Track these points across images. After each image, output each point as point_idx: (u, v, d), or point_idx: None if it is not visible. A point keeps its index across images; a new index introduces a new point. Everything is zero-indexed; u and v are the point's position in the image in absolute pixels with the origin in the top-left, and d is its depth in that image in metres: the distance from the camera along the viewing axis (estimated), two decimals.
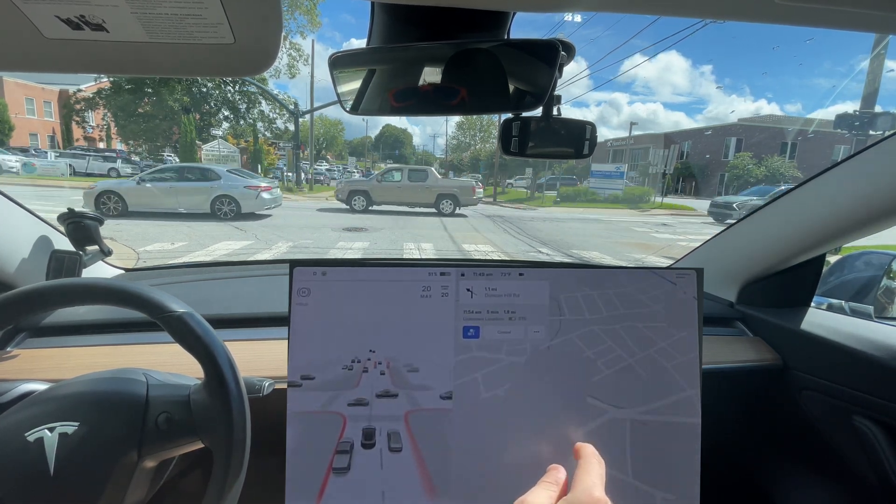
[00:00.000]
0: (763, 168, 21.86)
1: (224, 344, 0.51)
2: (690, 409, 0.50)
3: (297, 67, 20.52)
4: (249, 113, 22.82)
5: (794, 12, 0.39)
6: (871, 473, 0.78)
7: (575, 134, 0.64)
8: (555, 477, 0.42)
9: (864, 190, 0.73)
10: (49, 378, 0.63)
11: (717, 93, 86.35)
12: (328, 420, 0.49)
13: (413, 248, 6.60)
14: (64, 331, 0.82)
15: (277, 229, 7.69)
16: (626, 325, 0.51)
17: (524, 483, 0.48)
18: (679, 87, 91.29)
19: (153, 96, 20.31)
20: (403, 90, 0.61)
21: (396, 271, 0.51)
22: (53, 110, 25.57)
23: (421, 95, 0.59)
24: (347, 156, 50.98)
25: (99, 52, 0.41)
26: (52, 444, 0.47)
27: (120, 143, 23.74)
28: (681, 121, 78.52)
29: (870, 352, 0.76)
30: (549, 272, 0.52)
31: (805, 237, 0.85)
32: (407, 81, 0.60)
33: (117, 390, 0.52)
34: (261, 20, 0.37)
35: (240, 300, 0.97)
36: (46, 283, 0.49)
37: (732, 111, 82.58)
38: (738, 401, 0.96)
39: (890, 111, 14.57)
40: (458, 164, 37.90)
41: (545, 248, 7.44)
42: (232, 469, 0.48)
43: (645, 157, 28.16)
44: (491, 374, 0.50)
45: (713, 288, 1.09)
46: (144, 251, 5.51)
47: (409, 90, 0.61)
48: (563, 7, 0.39)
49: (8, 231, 0.81)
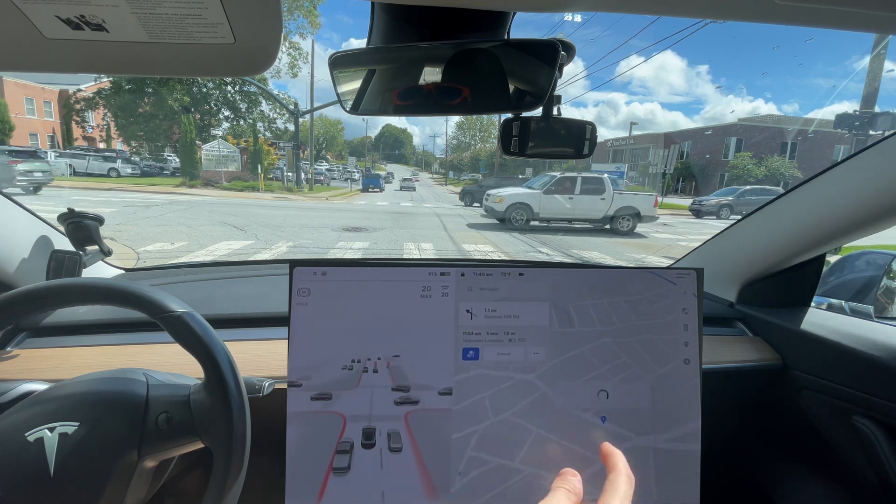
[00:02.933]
0: (763, 168, 21.85)
1: (224, 344, 0.51)
2: (691, 412, 0.51)
3: (298, 67, 20.53)
4: (249, 113, 22.82)
5: (794, 12, 0.39)
6: (870, 473, 0.78)
7: (575, 134, 0.64)
8: (572, 484, 0.39)
9: (864, 190, 0.73)
10: (49, 378, 0.63)
11: (715, 93, 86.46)
12: (328, 420, 0.49)
13: (413, 248, 6.60)
14: (64, 331, 0.82)
15: (278, 229, 7.69)
16: (624, 327, 0.51)
17: (527, 484, 0.48)
18: (677, 87, 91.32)
19: (153, 96, 20.31)
20: (403, 90, 0.61)
21: (396, 271, 0.51)
22: (53, 110, 25.57)
23: (421, 95, 0.59)
24: (347, 156, 50.99)
25: (99, 52, 0.41)
26: (52, 443, 0.47)
27: (120, 143, 23.75)
28: (678, 120, 78.61)
29: (870, 352, 0.76)
30: (549, 272, 0.52)
31: (805, 237, 0.85)
32: (407, 81, 0.60)
33: (117, 390, 0.52)
34: (261, 20, 0.37)
35: (240, 300, 0.97)
36: (46, 283, 0.49)
37: (732, 111, 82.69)
38: (738, 401, 0.96)
39: (890, 111, 14.57)
40: (458, 164, 37.84)
41: (545, 248, 7.44)
42: (232, 469, 0.48)
43: (645, 157, 28.17)
44: (497, 392, 0.50)
45: (713, 288, 1.09)
46: (144, 251, 5.51)
47: (409, 90, 0.60)
48: (563, 7, 0.39)
49: (8, 231, 0.81)
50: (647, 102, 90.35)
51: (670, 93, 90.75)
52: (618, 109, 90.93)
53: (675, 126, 65.43)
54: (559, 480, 0.39)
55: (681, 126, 66.76)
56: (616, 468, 0.39)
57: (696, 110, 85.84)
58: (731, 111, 79.11)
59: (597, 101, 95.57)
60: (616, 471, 0.39)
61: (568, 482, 0.39)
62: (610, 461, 0.40)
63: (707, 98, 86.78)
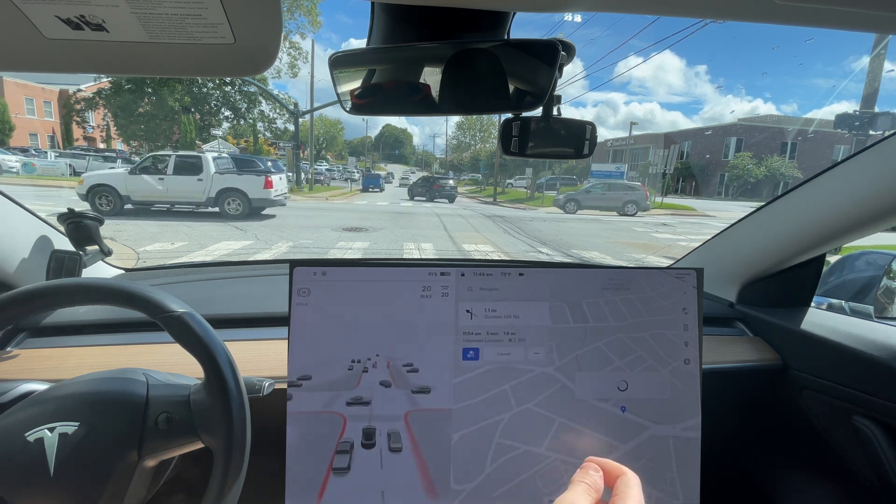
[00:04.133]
0: (763, 168, 21.84)
1: (224, 344, 0.51)
2: (691, 411, 0.51)
3: (298, 67, 20.53)
4: (249, 113, 22.81)
5: (794, 12, 0.39)
6: (870, 473, 0.78)
7: (575, 134, 0.64)
8: (593, 479, 0.38)
9: (864, 190, 0.73)
10: (49, 378, 0.63)
11: (714, 93, 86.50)
12: (328, 420, 0.49)
13: (413, 248, 6.60)
14: (64, 331, 0.82)
15: (277, 229, 7.69)
16: (622, 325, 0.51)
17: (529, 484, 0.48)
18: (676, 87, 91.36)
19: (153, 96, 20.30)
20: (404, 90, 0.61)
21: (396, 271, 0.51)
22: (53, 110, 25.58)
23: (421, 96, 0.59)
24: (347, 156, 51.01)
25: (99, 52, 0.41)
26: (52, 444, 0.47)
27: (120, 143, 23.74)
28: (678, 120, 78.65)
29: (870, 352, 0.76)
30: (549, 272, 0.52)
31: (805, 237, 0.85)
32: (407, 82, 0.60)
33: (117, 390, 0.52)
34: (261, 20, 0.37)
35: (240, 300, 0.97)
36: (46, 283, 0.49)
37: (732, 111, 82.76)
38: (738, 401, 0.96)
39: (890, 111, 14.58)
40: (458, 164, 37.86)
41: (545, 248, 7.44)
42: (232, 469, 0.48)
43: (645, 157, 28.18)
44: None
45: (713, 288, 1.09)
46: (144, 251, 5.51)
47: (409, 90, 0.60)
48: (563, 7, 0.39)
49: (8, 231, 0.81)
50: (646, 102, 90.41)
51: (669, 93, 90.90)
52: (617, 109, 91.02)
53: (675, 126, 65.47)
54: (580, 474, 0.39)
55: (680, 126, 66.79)
56: (623, 471, 0.38)
57: (696, 110, 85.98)
58: (731, 111, 79.11)
59: (596, 102, 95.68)
60: (626, 474, 0.38)
61: (589, 476, 0.38)
62: (610, 467, 0.39)
63: (706, 98, 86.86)
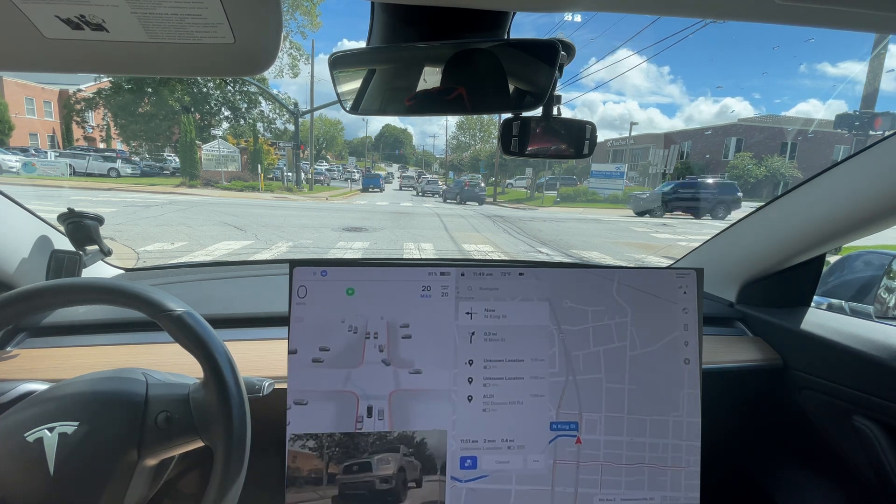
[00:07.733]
0: (763, 168, 21.82)
1: (223, 343, 0.51)
2: (691, 409, 0.51)
3: (298, 67, 20.52)
4: (249, 113, 22.80)
5: (794, 12, 0.39)
6: (870, 473, 0.78)
7: (575, 134, 0.64)
8: None
9: (864, 190, 0.73)
10: (49, 378, 0.63)
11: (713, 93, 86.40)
12: (339, 402, 0.49)
13: (413, 248, 6.60)
14: (64, 331, 0.82)
15: (278, 229, 7.69)
16: (624, 324, 0.51)
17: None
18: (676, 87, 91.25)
19: (153, 96, 20.29)
20: (404, 90, 0.61)
21: (396, 271, 0.51)
22: (53, 110, 25.56)
23: (421, 95, 0.59)
24: (347, 156, 50.98)
25: (99, 52, 0.41)
26: (52, 444, 0.47)
27: (120, 143, 23.73)
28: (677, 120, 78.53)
29: (870, 352, 0.76)
30: (549, 272, 0.52)
31: (805, 237, 0.85)
32: (407, 81, 0.60)
33: (117, 390, 0.52)
34: (261, 20, 0.37)
35: (240, 300, 0.97)
36: (46, 282, 0.49)
37: (732, 111, 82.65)
38: (739, 400, 0.96)
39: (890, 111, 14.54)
40: (458, 164, 37.85)
41: (545, 248, 7.44)
42: (232, 468, 0.48)
43: (645, 157, 28.16)
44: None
45: (713, 288, 1.09)
46: (144, 251, 5.50)
47: (409, 90, 0.60)
48: (563, 7, 0.39)
49: (8, 231, 0.81)
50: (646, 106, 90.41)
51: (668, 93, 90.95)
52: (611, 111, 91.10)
53: (674, 126, 65.55)
54: None
55: (680, 126, 66.84)
56: None
57: (696, 110, 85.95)
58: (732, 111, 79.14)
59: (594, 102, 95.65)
60: None
61: None
62: None
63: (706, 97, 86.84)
